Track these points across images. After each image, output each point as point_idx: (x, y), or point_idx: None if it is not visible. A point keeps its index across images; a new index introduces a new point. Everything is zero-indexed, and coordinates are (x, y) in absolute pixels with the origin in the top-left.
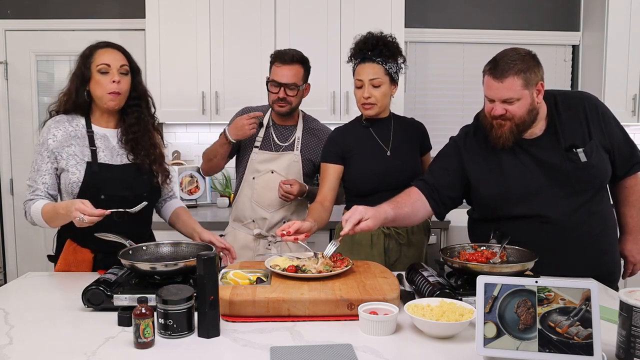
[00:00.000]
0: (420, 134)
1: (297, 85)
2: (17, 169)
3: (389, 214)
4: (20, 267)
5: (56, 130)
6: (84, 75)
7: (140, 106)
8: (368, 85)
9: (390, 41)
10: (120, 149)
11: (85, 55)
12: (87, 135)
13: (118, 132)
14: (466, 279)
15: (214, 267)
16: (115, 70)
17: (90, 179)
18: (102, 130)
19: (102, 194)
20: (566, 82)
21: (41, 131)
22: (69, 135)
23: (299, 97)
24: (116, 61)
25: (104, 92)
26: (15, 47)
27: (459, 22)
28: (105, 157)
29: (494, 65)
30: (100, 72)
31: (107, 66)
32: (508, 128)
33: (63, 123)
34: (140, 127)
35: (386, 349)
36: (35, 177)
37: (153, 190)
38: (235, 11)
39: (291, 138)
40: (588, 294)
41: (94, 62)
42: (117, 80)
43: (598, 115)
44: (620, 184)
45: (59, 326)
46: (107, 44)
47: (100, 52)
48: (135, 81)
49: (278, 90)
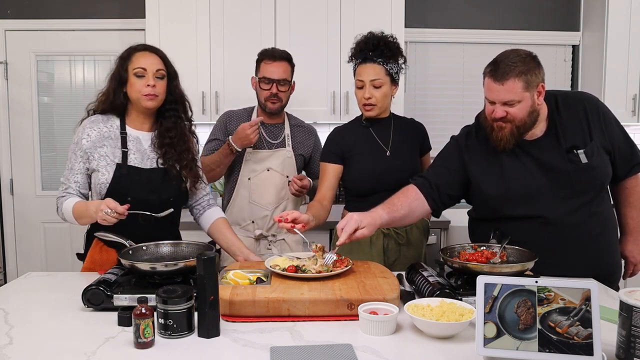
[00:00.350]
0: (420, 134)
1: (287, 80)
2: (17, 169)
3: (384, 218)
4: (20, 267)
5: (90, 130)
6: (121, 77)
7: (177, 110)
8: (369, 86)
9: (391, 41)
10: (151, 152)
11: (123, 58)
12: (120, 137)
13: (153, 135)
14: (466, 279)
15: (214, 267)
16: (151, 74)
17: (118, 181)
18: (135, 133)
19: (128, 196)
20: (566, 82)
21: (77, 130)
22: (102, 135)
23: (289, 94)
24: (152, 65)
25: (139, 94)
26: (15, 47)
27: (459, 22)
28: (135, 159)
29: (495, 67)
30: (136, 75)
31: (143, 70)
32: (509, 131)
33: (98, 123)
34: (177, 131)
35: (386, 349)
36: (68, 176)
37: (180, 194)
38: (235, 11)
39: (281, 135)
40: (588, 294)
41: (131, 65)
42: (152, 84)
43: (599, 116)
44: (621, 184)
45: (59, 326)
46: (145, 47)
47: (138, 55)
48: (172, 85)
49: (270, 86)
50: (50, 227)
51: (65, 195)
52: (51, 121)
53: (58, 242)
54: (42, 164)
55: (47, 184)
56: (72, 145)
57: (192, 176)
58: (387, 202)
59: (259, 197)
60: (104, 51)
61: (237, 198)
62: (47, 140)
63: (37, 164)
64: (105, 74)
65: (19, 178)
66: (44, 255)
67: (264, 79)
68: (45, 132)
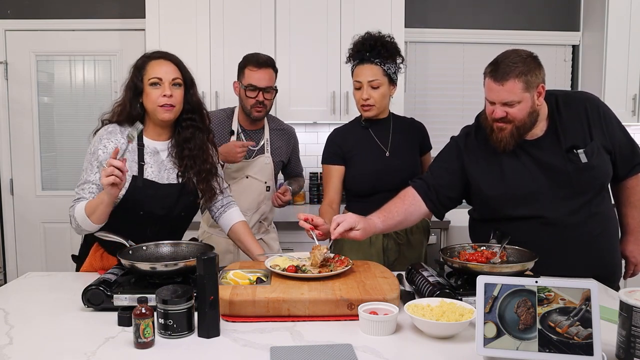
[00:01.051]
0: (420, 134)
1: (272, 87)
2: (17, 169)
3: (378, 227)
4: (20, 267)
5: (107, 141)
6: (136, 87)
7: (194, 120)
8: (367, 87)
9: (388, 41)
10: (169, 163)
11: (137, 67)
12: (137, 149)
13: (169, 144)
14: (466, 279)
15: (214, 267)
16: (167, 84)
17: (132, 194)
18: (152, 144)
19: (141, 210)
20: (566, 82)
21: (93, 139)
22: (121, 148)
23: (272, 100)
24: (168, 74)
25: (155, 105)
26: (15, 47)
27: (459, 22)
28: (152, 172)
29: (495, 67)
30: (152, 85)
31: (159, 79)
32: (508, 132)
33: (115, 134)
34: (196, 142)
35: (386, 349)
36: (84, 186)
37: (193, 208)
38: (235, 11)
39: (261, 141)
40: (588, 294)
41: (146, 75)
42: (169, 94)
43: (599, 115)
44: (622, 184)
45: (59, 326)
46: (160, 55)
47: (153, 64)
48: (189, 94)
49: (256, 94)
50: (50, 227)
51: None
52: (51, 121)
53: (58, 242)
54: (42, 164)
55: (47, 184)
56: (87, 155)
57: (208, 191)
58: (384, 208)
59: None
60: (104, 51)
61: None
62: (47, 140)
63: (37, 164)
64: (105, 74)
65: (19, 178)
66: (44, 255)
67: (250, 86)
68: (45, 132)
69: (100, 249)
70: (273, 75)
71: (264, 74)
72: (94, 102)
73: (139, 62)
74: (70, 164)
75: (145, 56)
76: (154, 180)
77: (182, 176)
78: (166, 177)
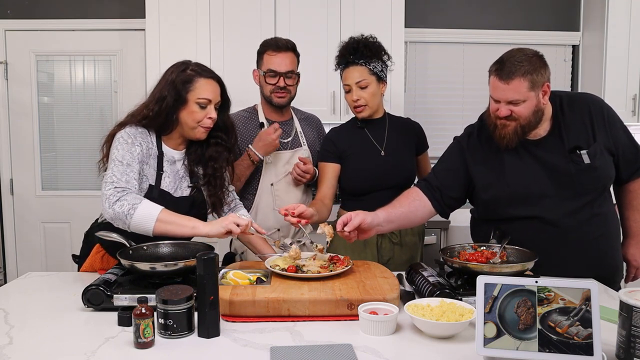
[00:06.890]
0: (416, 133)
1: (294, 72)
2: (17, 169)
3: (381, 217)
4: (20, 267)
5: (142, 141)
6: (180, 98)
7: (223, 139)
8: (356, 88)
9: (371, 42)
10: (184, 172)
11: (185, 80)
12: (157, 157)
13: (184, 153)
14: (466, 279)
15: (214, 267)
16: (213, 106)
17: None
18: (171, 152)
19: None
20: (566, 82)
21: (122, 131)
22: (147, 152)
23: (296, 86)
24: (216, 96)
25: (196, 124)
26: (15, 47)
27: (459, 22)
28: (169, 183)
29: (501, 66)
30: (200, 105)
31: (208, 101)
32: (512, 129)
33: (145, 138)
34: (221, 163)
35: (386, 349)
36: (127, 171)
37: (201, 218)
38: (235, 11)
39: (292, 133)
40: (588, 294)
41: (194, 91)
42: (215, 117)
43: (603, 117)
44: (625, 187)
45: (59, 326)
46: (211, 75)
47: (203, 82)
48: (224, 115)
49: (277, 79)
50: (50, 227)
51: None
52: (51, 121)
53: (58, 242)
54: (42, 164)
55: (47, 184)
56: (122, 144)
57: (218, 203)
58: (388, 205)
59: (283, 203)
60: (104, 51)
61: (261, 205)
62: (47, 140)
63: (37, 164)
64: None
65: (19, 178)
66: (44, 255)
67: (269, 71)
68: (45, 132)
69: (102, 250)
70: (295, 59)
71: (283, 57)
72: (94, 102)
73: (187, 74)
74: (70, 164)
75: (195, 71)
76: (169, 192)
77: (195, 188)
78: (180, 189)
